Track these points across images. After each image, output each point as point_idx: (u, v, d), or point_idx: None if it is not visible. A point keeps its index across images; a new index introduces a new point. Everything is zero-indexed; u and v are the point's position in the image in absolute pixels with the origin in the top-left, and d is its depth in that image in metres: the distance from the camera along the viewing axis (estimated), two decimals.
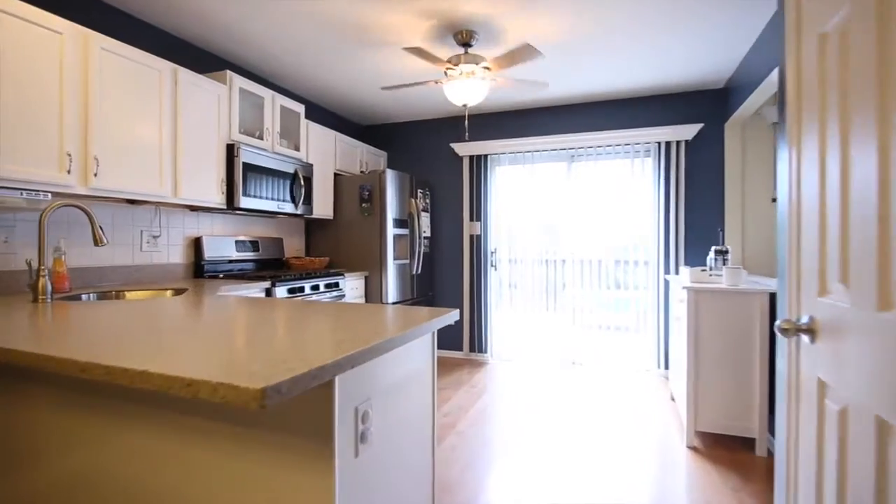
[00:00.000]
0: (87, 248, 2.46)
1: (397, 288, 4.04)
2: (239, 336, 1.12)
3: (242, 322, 1.32)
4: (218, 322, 1.32)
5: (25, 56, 1.90)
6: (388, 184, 3.90)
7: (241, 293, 2.59)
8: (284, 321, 1.33)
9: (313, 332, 1.16)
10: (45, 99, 1.97)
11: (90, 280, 2.46)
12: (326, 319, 1.36)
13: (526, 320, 4.57)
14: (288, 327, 1.23)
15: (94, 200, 2.47)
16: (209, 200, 2.79)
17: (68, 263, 2.37)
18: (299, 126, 3.58)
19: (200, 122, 2.72)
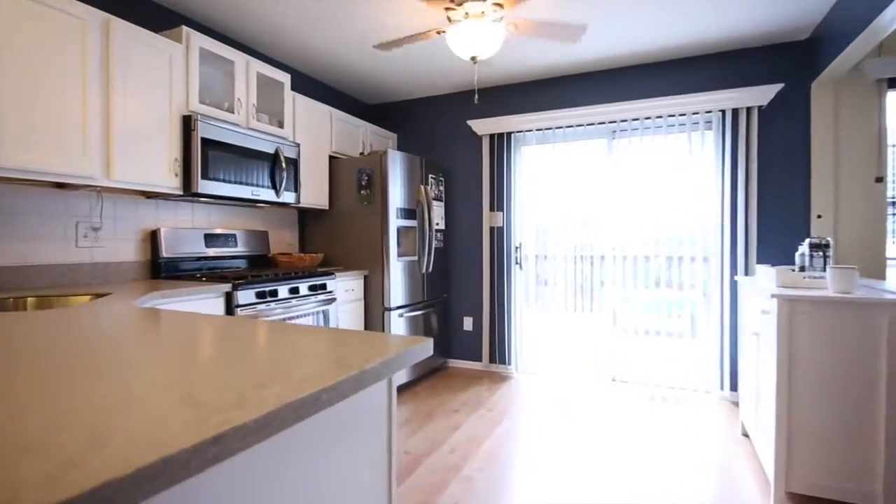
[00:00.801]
0: (2, 243, 1.99)
1: (403, 289, 3.45)
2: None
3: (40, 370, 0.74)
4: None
5: None
6: (392, 167, 3.31)
7: (182, 302, 2.06)
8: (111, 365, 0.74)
9: (135, 390, 0.57)
10: None
11: (3, 282, 1.98)
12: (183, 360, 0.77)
13: (556, 327, 3.89)
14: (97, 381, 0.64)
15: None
16: (158, 184, 2.27)
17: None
18: (283, 99, 3.03)
19: (145, 87, 2.21)
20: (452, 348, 4.18)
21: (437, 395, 3.39)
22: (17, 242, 2.03)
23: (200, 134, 2.40)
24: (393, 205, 3.32)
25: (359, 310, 3.30)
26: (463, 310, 4.13)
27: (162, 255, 2.53)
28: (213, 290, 2.20)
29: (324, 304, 2.87)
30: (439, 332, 3.96)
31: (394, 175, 3.33)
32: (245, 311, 2.33)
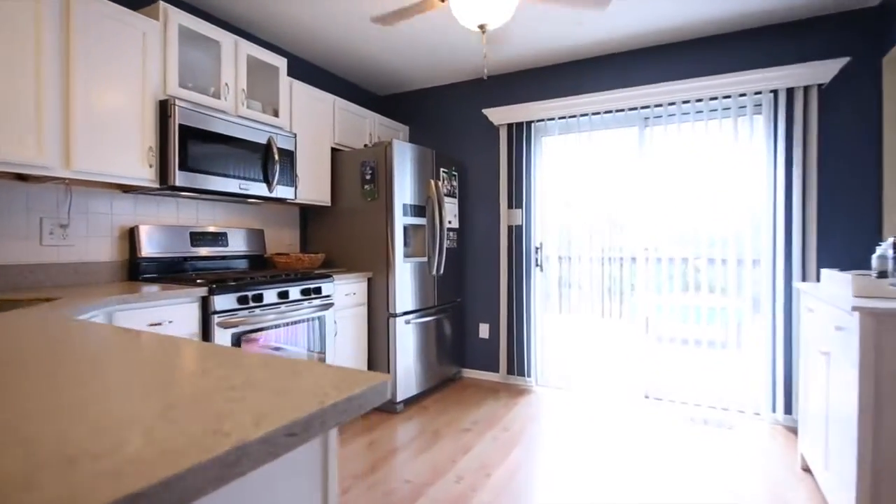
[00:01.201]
0: None
1: (412, 293, 3.15)
2: None
3: None
4: None
5: None
6: (398, 159, 3.01)
7: (147, 309, 1.81)
8: None
9: None
10: None
11: None
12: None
13: (581, 335, 3.52)
14: None
15: None
16: (128, 176, 2.04)
17: None
18: (278, 85, 2.77)
19: (112, 67, 1.97)
20: (467, 357, 3.85)
21: (448, 410, 3.08)
22: None
23: (178, 121, 2.16)
24: (399, 201, 3.03)
25: (361, 316, 3.02)
26: (478, 316, 3.80)
27: (140, 254, 2.30)
28: (185, 295, 1.95)
29: (319, 310, 2.60)
30: (452, 339, 3.65)
31: (401, 168, 3.04)
32: (224, 319, 2.07)
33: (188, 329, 1.97)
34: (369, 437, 2.62)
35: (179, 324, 1.94)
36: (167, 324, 1.89)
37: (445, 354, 3.55)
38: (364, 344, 3.04)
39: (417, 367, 3.21)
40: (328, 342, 2.67)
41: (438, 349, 3.46)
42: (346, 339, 2.88)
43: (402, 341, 3.06)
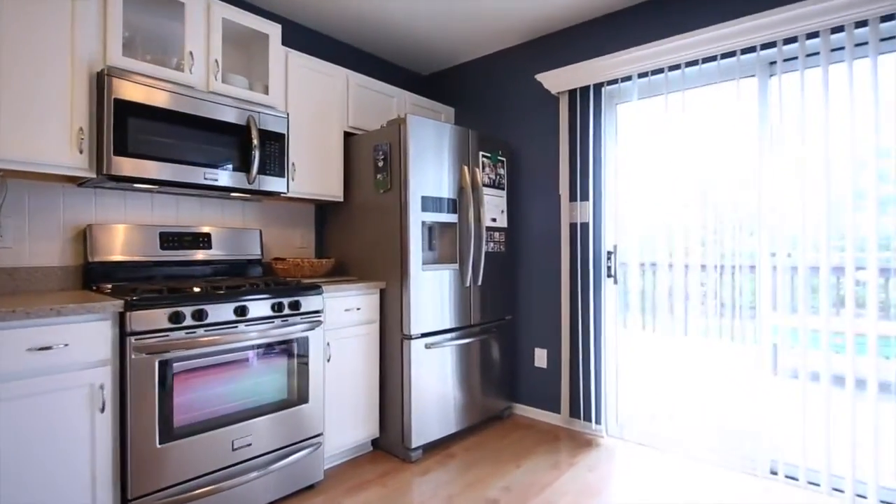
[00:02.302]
0: None
1: (438, 309, 2.49)
2: None
3: None
4: None
5: None
6: (415, 139, 2.38)
7: (30, 328, 1.38)
8: None
9: None
10: None
11: None
12: None
13: (672, 370, 2.55)
14: None
15: None
16: (51, 162, 1.68)
17: None
18: (267, 56, 2.31)
19: (27, 36, 1.62)
20: (520, 390, 3.07)
21: (480, 462, 2.35)
22: None
23: (114, 95, 1.76)
24: (416, 192, 2.39)
25: (370, 337, 2.43)
26: (534, 338, 3.00)
27: (92, 258, 1.96)
28: (89, 311, 1.51)
29: (303, 330, 2.05)
30: (502, 367, 2.90)
31: (420, 151, 2.40)
32: (146, 342, 1.61)
33: (94, 355, 1.53)
34: (356, 497, 2.01)
35: (80, 348, 1.50)
36: (60, 347, 1.47)
37: (491, 386, 2.82)
38: (374, 372, 2.44)
39: (447, 401, 2.53)
40: (314, 369, 2.11)
41: (481, 379, 2.74)
42: (346, 366, 2.31)
43: (421, 370, 2.41)
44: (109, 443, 1.56)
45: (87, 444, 1.52)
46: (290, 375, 2.03)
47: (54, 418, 1.46)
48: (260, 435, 1.91)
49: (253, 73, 2.40)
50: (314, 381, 2.11)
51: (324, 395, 2.19)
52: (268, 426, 1.94)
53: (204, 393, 1.76)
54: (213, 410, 1.78)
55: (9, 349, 1.38)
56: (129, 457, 1.59)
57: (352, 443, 2.34)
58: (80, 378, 1.50)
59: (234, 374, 1.85)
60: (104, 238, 2.00)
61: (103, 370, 1.55)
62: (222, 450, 1.80)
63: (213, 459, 1.77)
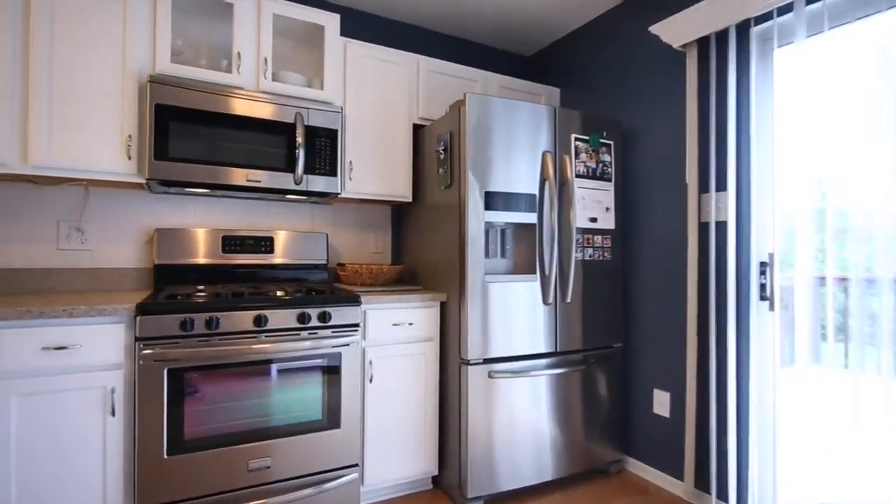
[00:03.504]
0: None
1: (509, 331, 2.03)
2: None
3: None
4: None
5: None
6: (476, 122, 1.98)
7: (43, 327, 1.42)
8: None
9: None
10: None
11: None
12: None
13: (860, 433, 1.62)
14: None
15: None
16: (103, 169, 1.76)
17: None
18: (323, 49, 2.17)
19: (83, 48, 1.73)
20: (634, 440, 2.37)
21: None
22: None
23: (155, 100, 1.79)
24: (477, 185, 1.98)
25: (427, 357, 2.09)
26: (651, 376, 2.29)
27: (157, 261, 2.05)
28: (101, 312, 1.51)
29: (333, 346, 1.82)
30: (608, 409, 2.28)
31: (483, 136, 1.99)
32: (155, 349, 1.55)
33: (106, 358, 1.53)
34: None
35: (93, 350, 1.51)
36: (75, 348, 1.49)
37: (592, 431, 2.22)
38: (432, 398, 2.10)
39: (522, 446, 2.05)
40: (350, 391, 1.87)
41: (575, 422, 2.17)
42: (395, 389, 2.01)
43: (482, 403, 1.98)
44: (120, 448, 1.54)
45: (99, 447, 1.52)
46: (319, 395, 1.82)
47: (68, 418, 1.48)
48: (281, 458, 1.74)
49: (309, 68, 2.29)
50: (349, 404, 1.87)
51: (362, 421, 1.93)
52: (291, 450, 1.75)
53: (217, 406, 1.65)
54: (227, 426, 1.66)
55: (25, 347, 1.43)
56: (135, 465, 1.55)
57: (400, 478, 2.03)
58: (92, 380, 1.51)
59: (252, 389, 1.70)
60: (170, 241, 2.07)
61: (115, 374, 1.54)
62: (236, 469, 1.67)
63: (225, 478, 1.65)
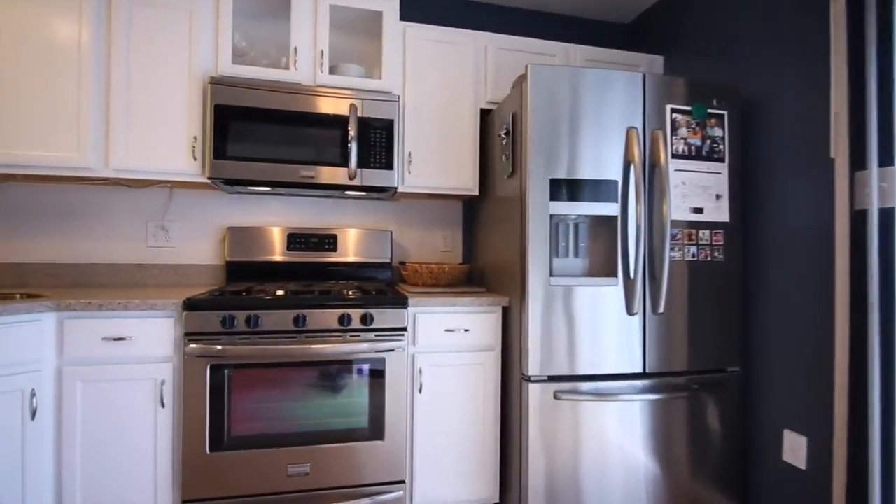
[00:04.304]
0: (78, 241, 2.07)
1: (581, 344, 1.71)
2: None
3: None
4: None
5: None
6: (540, 97, 1.69)
7: (109, 320, 1.51)
8: None
9: None
10: None
11: (80, 278, 2.06)
12: None
13: None
14: None
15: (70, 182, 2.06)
16: (172, 171, 1.86)
17: (28, 257, 2.02)
18: (381, 37, 2.06)
19: (154, 56, 1.85)
20: (756, 493, 1.85)
21: None
22: (87, 240, 2.08)
23: (216, 101, 1.83)
24: (540, 172, 1.69)
25: (486, 368, 1.85)
26: (780, 411, 1.75)
27: (228, 258, 2.13)
28: (152, 307, 1.57)
29: (376, 351, 1.69)
30: (718, 449, 1.81)
31: (548, 113, 1.69)
32: (199, 345, 1.57)
33: (157, 350, 1.58)
34: None
35: (146, 342, 1.57)
36: (131, 340, 1.56)
37: (696, 477, 1.78)
38: (492, 415, 1.85)
39: (597, 482, 1.71)
40: (395, 400, 1.71)
41: (674, 463, 1.76)
42: (448, 401, 1.81)
43: (545, 427, 1.68)
44: (169, 438, 1.59)
45: (151, 435, 1.57)
46: (361, 403, 1.69)
47: (124, 405, 1.56)
48: (320, 466, 1.65)
49: (367, 58, 2.20)
50: (393, 414, 1.71)
51: (410, 434, 1.77)
52: (331, 458, 1.66)
53: (256, 405, 1.62)
54: (267, 426, 1.62)
55: (88, 336, 1.53)
56: (181, 458, 1.58)
57: (454, 502, 1.82)
58: (145, 371, 1.57)
59: (292, 391, 1.64)
60: (239, 239, 2.14)
61: (165, 366, 1.58)
62: (275, 473, 1.62)
63: (264, 481, 1.61)
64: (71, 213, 2.07)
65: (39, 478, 1.48)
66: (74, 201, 2.07)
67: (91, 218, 2.09)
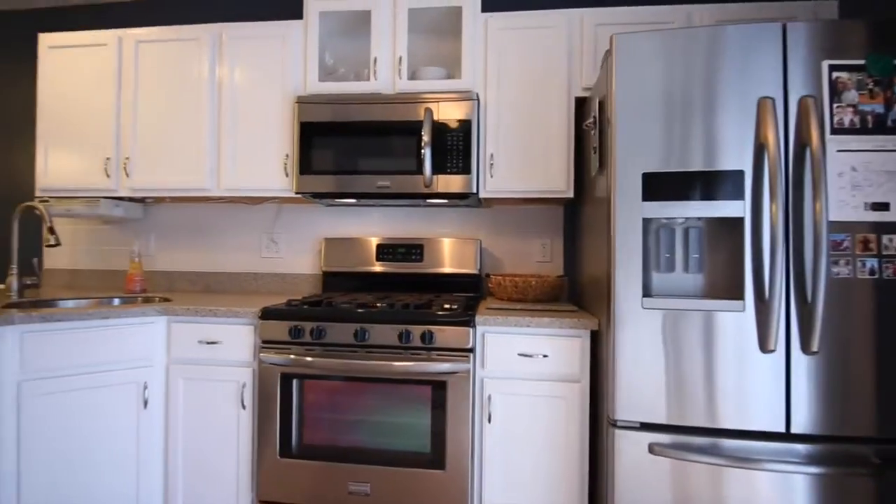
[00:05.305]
0: (205, 252, 2.39)
1: (691, 385, 1.32)
2: None
3: None
4: None
5: (69, 76, 2.10)
6: (627, 72, 1.36)
7: (205, 324, 1.68)
8: None
9: None
10: (88, 112, 2.09)
11: (210, 285, 2.37)
12: None
13: None
14: None
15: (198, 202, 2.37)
16: (268, 187, 2.01)
17: (175, 266, 2.38)
18: (461, 34, 1.93)
19: (254, 84, 2.02)
20: None
21: None
22: (216, 252, 2.38)
23: (301, 119, 1.92)
24: (630, 167, 1.35)
25: (569, 401, 1.56)
26: None
27: (323, 268, 2.22)
28: (236, 315, 1.69)
29: (436, 372, 1.55)
30: None
31: (640, 91, 1.35)
32: (272, 353, 1.63)
33: (240, 355, 1.69)
34: None
35: (232, 347, 1.70)
36: (219, 344, 1.70)
37: None
38: (576, 456, 1.55)
39: None
40: (456, 427, 1.55)
41: None
42: (523, 434, 1.57)
43: (640, 488, 1.33)
44: (249, 438, 1.68)
45: (234, 432, 1.69)
46: (419, 427, 1.57)
47: (214, 402, 1.70)
48: (380, 488, 1.57)
49: (447, 59, 2.08)
50: (456, 444, 1.55)
51: (476, 467, 1.58)
52: (390, 481, 1.57)
53: (321, 417, 1.62)
54: (330, 439, 1.61)
55: (188, 338, 1.71)
56: (256, 458, 1.66)
57: None
58: (230, 374, 1.69)
59: (354, 406, 1.60)
60: (333, 250, 2.22)
61: (246, 371, 1.69)
62: (336, 488, 1.59)
63: (326, 494, 1.60)
64: (203, 229, 2.39)
65: (150, 455, 1.70)
66: (205, 219, 2.39)
67: (218, 233, 2.38)
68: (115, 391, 1.63)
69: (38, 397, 1.50)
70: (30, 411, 1.48)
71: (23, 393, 1.47)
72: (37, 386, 1.50)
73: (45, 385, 1.51)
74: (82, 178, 2.09)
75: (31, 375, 1.49)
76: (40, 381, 1.50)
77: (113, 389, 1.63)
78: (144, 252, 2.41)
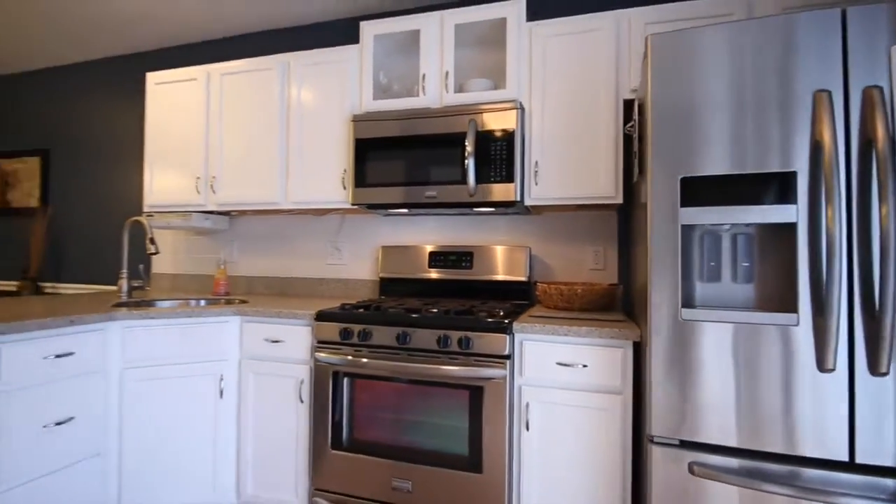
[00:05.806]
0: (280, 259, 2.63)
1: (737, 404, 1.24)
2: None
3: None
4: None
5: (169, 107, 2.44)
6: (664, 74, 1.31)
7: (271, 324, 1.88)
8: None
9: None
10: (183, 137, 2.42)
11: (284, 289, 2.60)
12: None
13: None
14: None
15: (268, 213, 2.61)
16: (328, 200, 2.19)
17: (255, 271, 2.64)
18: (505, 44, 1.96)
19: (317, 105, 2.21)
20: None
21: None
22: (289, 259, 2.61)
23: (355, 136, 2.07)
24: (667, 171, 1.30)
25: (609, 414, 1.51)
26: None
27: (380, 275, 2.35)
28: (295, 317, 1.86)
29: (472, 377, 1.59)
30: None
31: (678, 90, 1.30)
32: (325, 352, 1.77)
33: (299, 353, 1.86)
34: None
35: (292, 345, 1.87)
36: (282, 343, 1.88)
37: None
38: (618, 474, 1.50)
39: None
40: (493, 433, 1.57)
41: None
42: (560, 444, 1.55)
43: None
44: (306, 430, 1.83)
45: (294, 422, 1.86)
46: (457, 431, 1.62)
47: (277, 396, 1.88)
48: (421, 486, 1.64)
49: (493, 70, 2.11)
50: (492, 449, 1.57)
51: (513, 473, 1.59)
52: (431, 480, 1.63)
53: (367, 414, 1.72)
54: (376, 435, 1.71)
55: (257, 337, 1.92)
56: (312, 449, 1.80)
57: None
58: (290, 370, 1.86)
59: (397, 406, 1.69)
60: (390, 257, 2.34)
61: (304, 368, 1.85)
62: (381, 482, 1.69)
63: (371, 487, 1.70)
64: (278, 238, 2.64)
65: (225, 440, 1.91)
66: (280, 229, 2.64)
67: (290, 241, 2.62)
68: (197, 381, 1.87)
69: (136, 382, 1.77)
70: (129, 395, 1.76)
71: (124, 378, 1.75)
72: (135, 373, 1.77)
73: (141, 373, 1.78)
74: (178, 195, 2.42)
75: (130, 364, 1.77)
76: (137, 369, 1.78)
77: (195, 380, 1.87)
78: (229, 259, 2.71)
